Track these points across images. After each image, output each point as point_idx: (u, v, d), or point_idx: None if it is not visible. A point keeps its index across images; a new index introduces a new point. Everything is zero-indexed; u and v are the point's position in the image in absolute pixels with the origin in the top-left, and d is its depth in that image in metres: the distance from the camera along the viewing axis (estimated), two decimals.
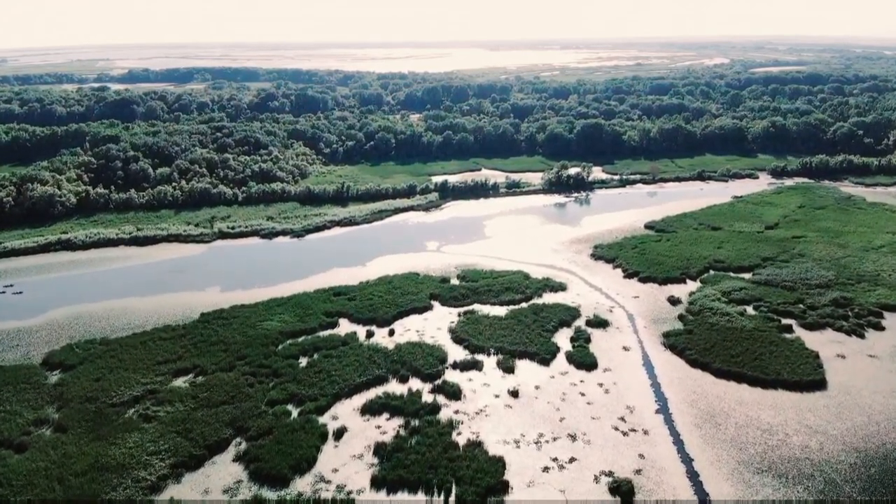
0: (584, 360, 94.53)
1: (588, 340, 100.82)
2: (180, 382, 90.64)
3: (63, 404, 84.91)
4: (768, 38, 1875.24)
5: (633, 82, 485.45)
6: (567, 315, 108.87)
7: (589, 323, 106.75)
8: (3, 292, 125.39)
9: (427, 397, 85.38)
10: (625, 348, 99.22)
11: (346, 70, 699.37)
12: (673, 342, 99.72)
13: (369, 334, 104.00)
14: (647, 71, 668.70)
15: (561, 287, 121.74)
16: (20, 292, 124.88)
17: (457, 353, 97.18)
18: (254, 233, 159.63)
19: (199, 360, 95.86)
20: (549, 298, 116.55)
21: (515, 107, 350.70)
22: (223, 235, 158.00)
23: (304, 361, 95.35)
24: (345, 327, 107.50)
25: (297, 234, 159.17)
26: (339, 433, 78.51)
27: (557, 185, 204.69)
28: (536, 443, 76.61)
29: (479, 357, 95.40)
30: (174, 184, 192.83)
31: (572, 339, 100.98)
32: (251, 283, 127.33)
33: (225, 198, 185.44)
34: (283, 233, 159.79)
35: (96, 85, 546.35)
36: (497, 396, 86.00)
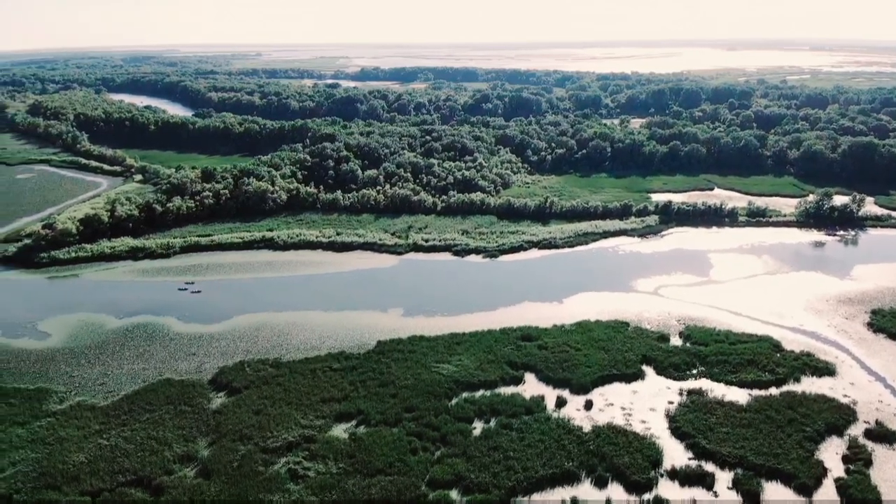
0: (863, 495, 65.61)
1: (868, 463, 71.08)
2: (340, 431, 79.39)
3: (216, 439, 77.56)
4: None
5: None
6: (837, 417, 78.96)
7: (869, 434, 76.07)
8: (185, 289, 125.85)
9: None
10: None
11: (565, 70, 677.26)
12: None
13: (560, 402, 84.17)
14: None
15: (827, 370, 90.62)
16: (198, 291, 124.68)
17: (676, 453, 73.45)
18: (446, 248, 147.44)
19: (365, 404, 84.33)
20: (809, 385, 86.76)
21: (759, 115, 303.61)
22: (416, 248, 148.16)
23: (478, 428, 78.81)
24: (531, 386, 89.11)
25: (491, 253, 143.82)
26: None
27: (816, 218, 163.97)
28: None
29: (708, 467, 70.72)
30: (378, 188, 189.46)
31: (846, 459, 71.77)
32: (435, 309, 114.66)
33: (424, 206, 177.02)
34: (476, 251, 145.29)
35: (331, 81, 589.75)
36: None
